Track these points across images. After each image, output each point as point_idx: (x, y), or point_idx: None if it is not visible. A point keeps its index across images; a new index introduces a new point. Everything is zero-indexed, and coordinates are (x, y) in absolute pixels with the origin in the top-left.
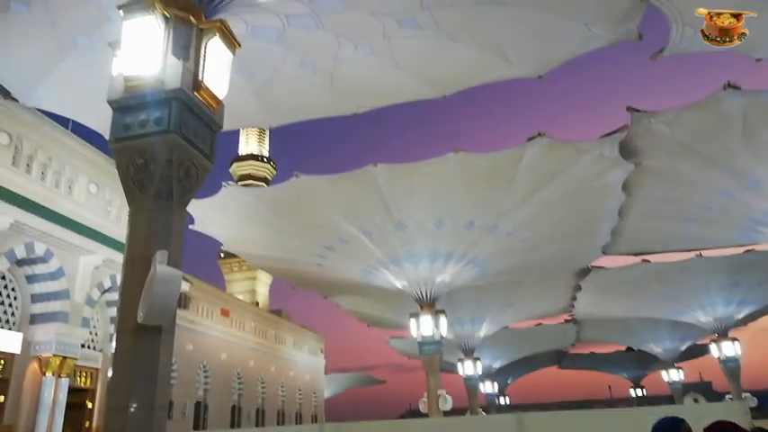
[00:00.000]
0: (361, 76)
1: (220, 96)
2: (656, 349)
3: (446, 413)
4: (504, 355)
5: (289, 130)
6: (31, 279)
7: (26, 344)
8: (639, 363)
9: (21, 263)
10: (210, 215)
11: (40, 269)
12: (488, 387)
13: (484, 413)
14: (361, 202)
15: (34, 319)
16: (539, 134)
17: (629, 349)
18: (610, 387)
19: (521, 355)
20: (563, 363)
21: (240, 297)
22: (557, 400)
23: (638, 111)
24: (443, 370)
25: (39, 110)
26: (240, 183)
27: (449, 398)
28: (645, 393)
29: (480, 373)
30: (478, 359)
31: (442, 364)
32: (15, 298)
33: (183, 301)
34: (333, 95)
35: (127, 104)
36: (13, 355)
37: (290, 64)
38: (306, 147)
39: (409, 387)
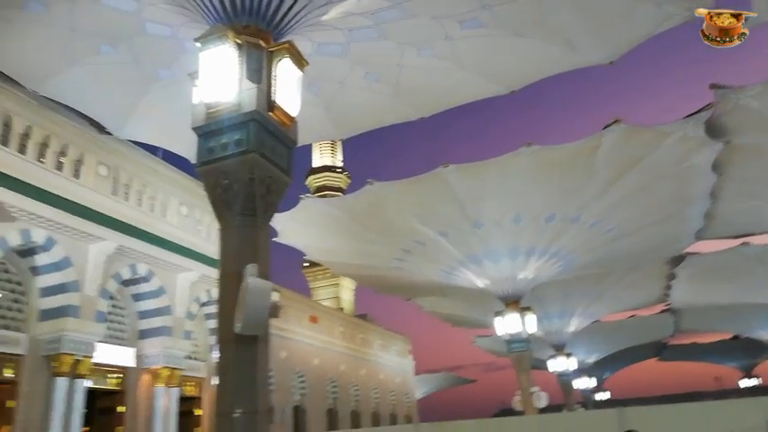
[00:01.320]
0: (426, 80)
1: (293, 114)
2: (765, 336)
3: (541, 410)
4: (598, 350)
5: (360, 138)
6: (136, 297)
7: (138, 358)
8: (748, 351)
9: (126, 283)
10: (292, 227)
11: (143, 288)
12: (584, 383)
13: (581, 409)
14: (435, 204)
15: (143, 335)
16: (615, 121)
17: (736, 337)
18: (718, 378)
19: (616, 348)
20: (663, 354)
21: (326, 304)
22: (659, 393)
23: (722, 87)
24: (535, 367)
25: (131, 141)
26: (317, 194)
27: (543, 395)
28: (760, 383)
29: (574, 368)
30: (571, 354)
31: (532, 360)
32: (125, 316)
33: (275, 310)
34: (399, 102)
35: (209, 130)
36: (127, 368)
37: (356, 76)
38: (378, 153)
39: (500, 385)
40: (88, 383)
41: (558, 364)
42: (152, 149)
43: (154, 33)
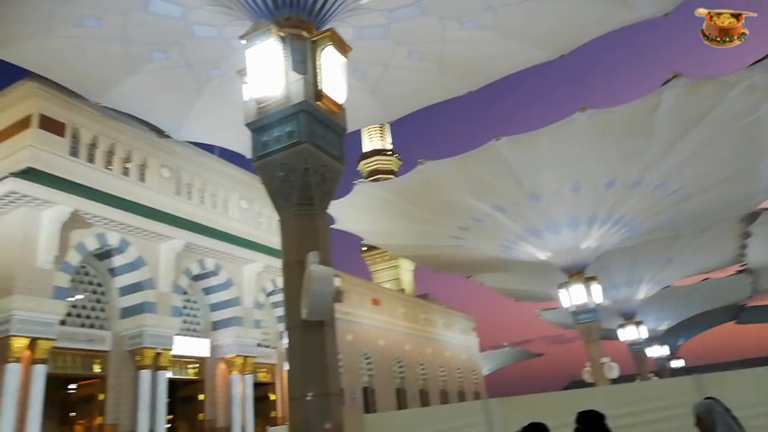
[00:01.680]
0: (471, 53)
1: (341, 101)
2: None
3: (613, 381)
4: (670, 316)
5: (407, 119)
6: (207, 291)
7: (213, 348)
8: None
9: (197, 278)
10: (348, 213)
11: (212, 282)
12: (657, 351)
13: (656, 378)
14: (490, 179)
15: (216, 326)
16: (675, 76)
17: None
18: None
19: (689, 313)
20: (741, 317)
21: (386, 286)
22: (737, 358)
23: None
24: (604, 337)
25: (189, 142)
26: (369, 179)
27: (614, 365)
28: None
29: (645, 336)
30: (641, 323)
31: (601, 331)
32: (198, 309)
33: (338, 295)
34: (445, 78)
35: (261, 124)
36: (204, 358)
37: (399, 56)
38: (426, 133)
39: (569, 358)
40: (169, 374)
41: (628, 334)
42: (209, 148)
43: (201, 35)
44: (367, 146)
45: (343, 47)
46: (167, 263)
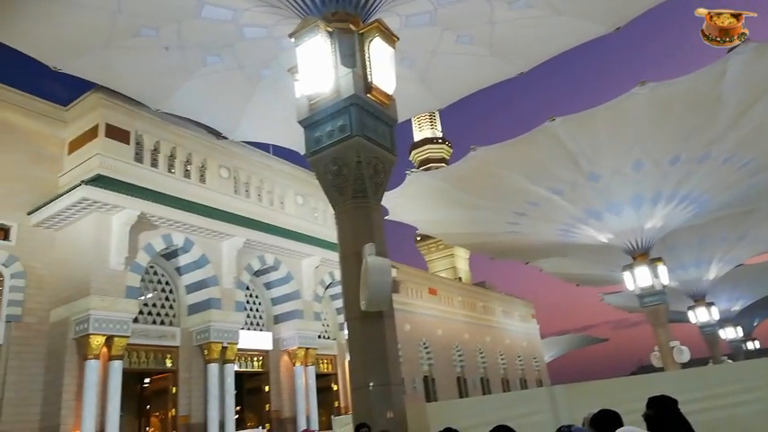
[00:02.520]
0: (521, 33)
1: (390, 92)
2: None
3: (683, 365)
4: (743, 296)
5: (456, 107)
6: (268, 286)
7: (275, 341)
8: None
9: (258, 273)
10: (401, 204)
11: (273, 276)
12: (730, 333)
13: (729, 361)
14: (546, 161)
15: (277, 319)
16: (742, 39)
17: None
18: None
19: (765, 292)
20: None
21: (443, 275)
22: None
23: None
24: (673, 320)
25: (244, 142)
26: (421, 168)
27: (684, 349)
28: None
29: (717, 318)
30: (712, 304)
31: (669, 314)
32: (260, 303)
33: (394, 286)
34: (496, 61)
35: (313, 120)
36: (267, 351)
37: (447, 42)
38: (476, 120)
39: (635, 342)
40: (236, 367)
41: (698, 316)
42: (264, 147)
43: (252, 36)
44: (417, 135)
45: (390, 37)
46: (229, 260)
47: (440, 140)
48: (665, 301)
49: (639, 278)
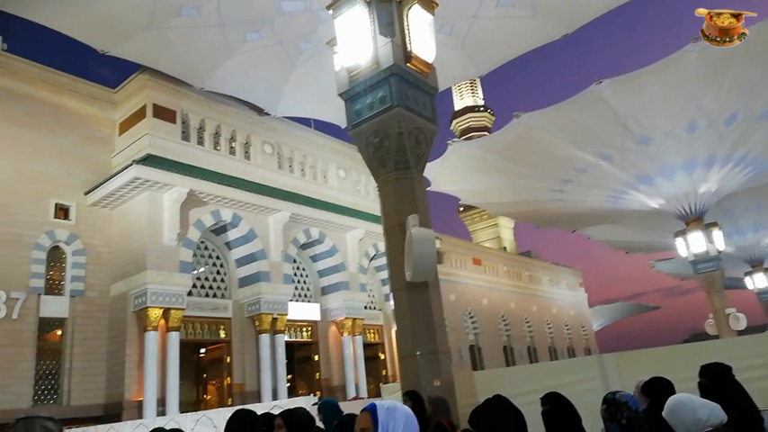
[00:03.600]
0: None
1: (430, 60)
2: None
3: (740, 333)
4: None
5: (498, 75)
6: (314, 258)
7: (323, 311)
8: None
9: (304, 246)
10: (443, 174)
11: (318, 249)
12: None
13: None
14: (593, 126)
15: (325, 291)
16: None
17: None
18: None
19: None
20: None
21: (487, 245)
22: None
23: None
24: (729, 287)
25: (286, 117)
26: (462, 138)
27: (741, 316)
28: None
29: None
30: None
31: (725, 280)
32: (307, 275)
33: (438, 257)
34: (539, 23)
35: (354, 93)
36: (315, 322)
37: (487, 6)
38: (518, 88)
39: (688, 310)
40: (286, 337)
41: (756, 282)
42: (305, 122)
43: (290, 10)
44: (458, 104)
45: (429, 4)
46: (276, 234)
47: (481, 108)
48: (720, 267)
49: (693, 244)
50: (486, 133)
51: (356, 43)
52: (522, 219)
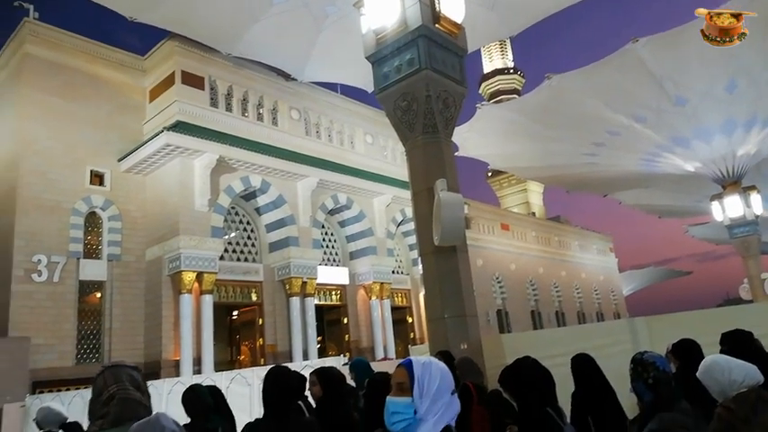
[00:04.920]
0: None
1: (459, 20)
2: None
3: None
4: None
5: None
6: (342, 224)
7: (351, 276)
8: None
9: (332, 212)
10: (471, 139)
11: (346, 215)
12: None
13: None
14: (627, 87)
15: (353, 256)
16: None
17: None
18: None
19: None
20: None
21: (515, 210)
22: None
23: None
24: (765, 252)
25: (313, 83)
26: (492, 101)
27: None
28: None
29: None
30: None
31: (761, 245)
32: (335, 240)
33: (466, 222)
34: None
35: (381, 56)
36: (344, 285)
37: None
38: (550, 49)
39: (721, 275)
40: (315, 301)
41: None
42: (332, 87)
43: None
44: (487, 66)
45: None
46: (304, 200)
47: (511, 71)
48: (757, 231)
49: (729, 208)
50: (515, 96)
51: (383, 4)
52: (552, 183)
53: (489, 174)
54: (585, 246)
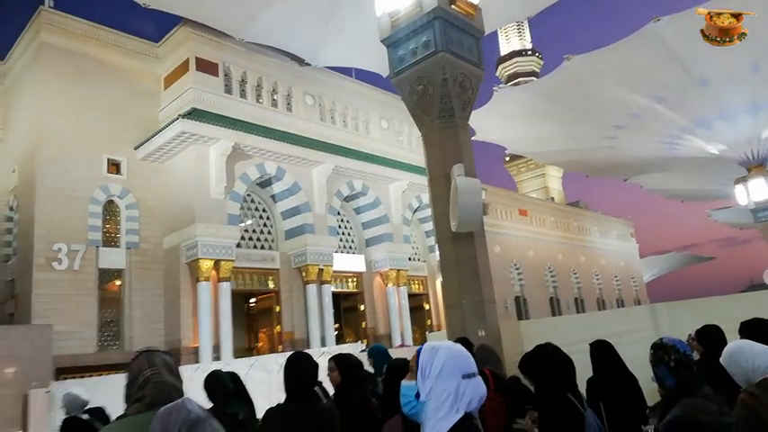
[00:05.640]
0: None
1: (476, 1)
2: None
3: None
4: None
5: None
6: (358, 211)
7: (368, 263)
8: None
9: (347, 199)
10: (489, 123)
11: (362, 202)
12: None
13: None
14: (648, 67)
15: (369, 243)
16: None
17: None
18: None
19: None
20: None
21: (533, 196)
22: None
23: None
24: None
25: (327, 68)
26: (509, 84)
27: None
28: None
29: None
30: None
31: None
32: (351, 227)
33: (483, 208)
34: None
35: (396, 39)
36: (360, 273)
37: None
38: (568, 31)
39: (746, 261)
40: (332, 288)
41: None
42: (346, 72)
43: None
44: (504, 48)
45: None
46: (320, 186)
47: (529, 52)
48: None
49: (754, 191)
50: (533, 78)
51: None
52: (572, 168)
53: (507, 158)
54: (605, 231)
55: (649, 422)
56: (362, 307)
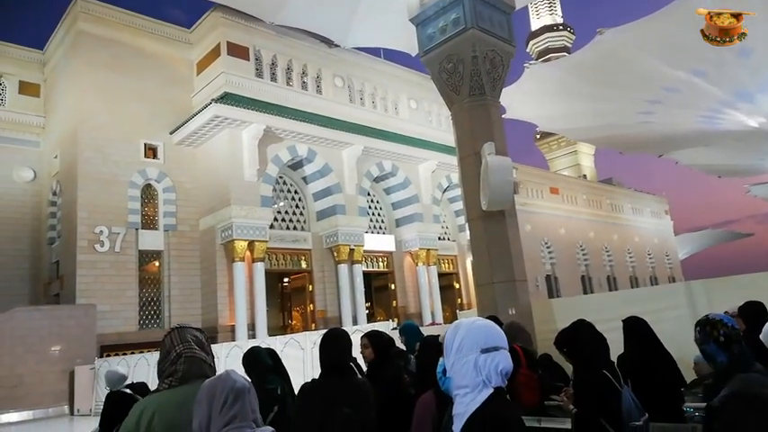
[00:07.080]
0: None
1: None
2: None
3: None
4: None
5: None
6: (387, 191)
7: (398, 242)
8: None
9: (377, 180)
10: (519, 100)
11: (392, 182)
12: None
13: None
14: (686, 40)
15: (399, 223)
16: None
17: None
18: None
19: None
20: None
21: (565, 173)
22: None
23: None
24: None
25: (355, 49)
26: (540, 60)
27: None
28: None
29: None
30: None
31: None
32: (381, 208)
33: (514, 187)
34: None
35: (425, 17)
36: (390, 252)
37: None
38: (602, 4)
39: None
40: (363, 267)
41: None
42: (375, 53)
43: None
44: (535, 24)
45: None
46: (350, 167)
47: (560, 27)
48: None
49: None
50: (565, 54)
51: None
52: (605, 145)
53: (538, 136)
54: (639, 208)
55: (685, 401)
56: (393, 286)
